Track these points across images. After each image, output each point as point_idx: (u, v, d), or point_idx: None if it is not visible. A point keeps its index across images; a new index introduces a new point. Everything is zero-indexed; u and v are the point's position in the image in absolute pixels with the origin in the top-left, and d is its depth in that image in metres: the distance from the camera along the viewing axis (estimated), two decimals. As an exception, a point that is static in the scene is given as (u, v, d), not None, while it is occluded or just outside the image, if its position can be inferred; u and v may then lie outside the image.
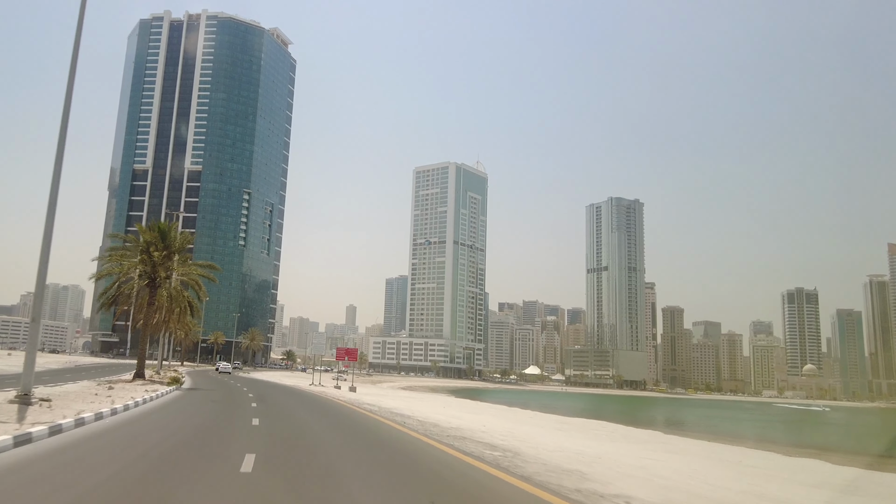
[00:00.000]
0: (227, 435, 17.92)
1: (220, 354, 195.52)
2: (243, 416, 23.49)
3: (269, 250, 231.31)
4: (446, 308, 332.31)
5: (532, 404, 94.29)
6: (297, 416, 26.49)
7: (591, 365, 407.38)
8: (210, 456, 13.31)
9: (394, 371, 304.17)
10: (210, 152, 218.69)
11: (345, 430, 22.47)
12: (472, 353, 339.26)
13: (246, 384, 54.97)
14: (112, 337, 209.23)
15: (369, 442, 19.02)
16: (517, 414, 50.47)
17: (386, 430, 22.50)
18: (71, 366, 78.43)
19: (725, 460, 23.11)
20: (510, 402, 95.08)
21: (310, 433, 20.43)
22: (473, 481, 12.35)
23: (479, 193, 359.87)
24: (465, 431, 24.21)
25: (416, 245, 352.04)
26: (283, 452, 14.70)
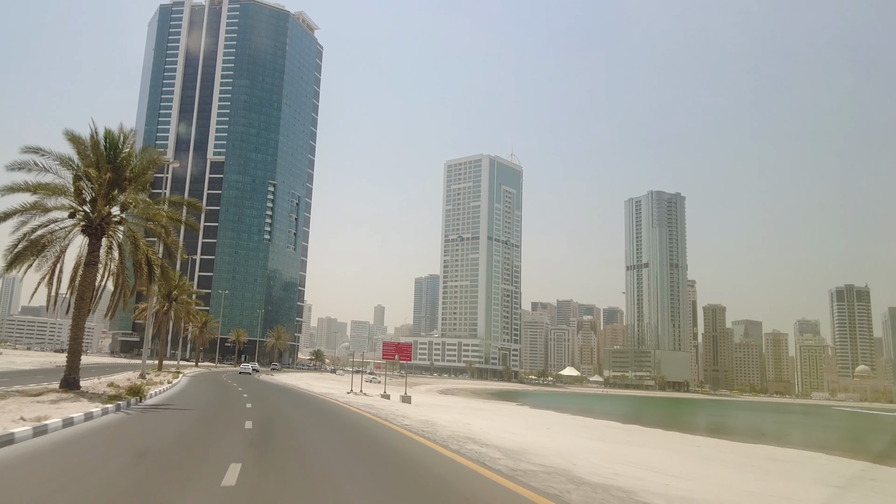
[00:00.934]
0: None
1: (244, 355, 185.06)
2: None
3: (295, 245, 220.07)
4: (480, 307, 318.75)
5: (595, 410, 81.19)
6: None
7: (630, 366, 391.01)
8: None
9: (426, 372, 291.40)
10: (233, 142, 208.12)
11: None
12: (508, 354, 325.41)
13: (256, 392, 39.39)
14: (132, 336, 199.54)
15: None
16: (630, 434, 36.73)
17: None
18: (38, 367, 66.52)
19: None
20: (567, 407, 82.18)
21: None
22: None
23: (514, 187, 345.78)
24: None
25: (448, 241, 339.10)
26: None
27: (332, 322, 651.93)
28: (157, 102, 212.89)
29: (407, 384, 53.16)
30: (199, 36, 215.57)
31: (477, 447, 16.92)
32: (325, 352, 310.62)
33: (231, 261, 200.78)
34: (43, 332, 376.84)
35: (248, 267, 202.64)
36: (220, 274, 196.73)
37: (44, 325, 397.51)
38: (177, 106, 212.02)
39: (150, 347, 65.43)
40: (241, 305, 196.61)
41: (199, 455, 13.28)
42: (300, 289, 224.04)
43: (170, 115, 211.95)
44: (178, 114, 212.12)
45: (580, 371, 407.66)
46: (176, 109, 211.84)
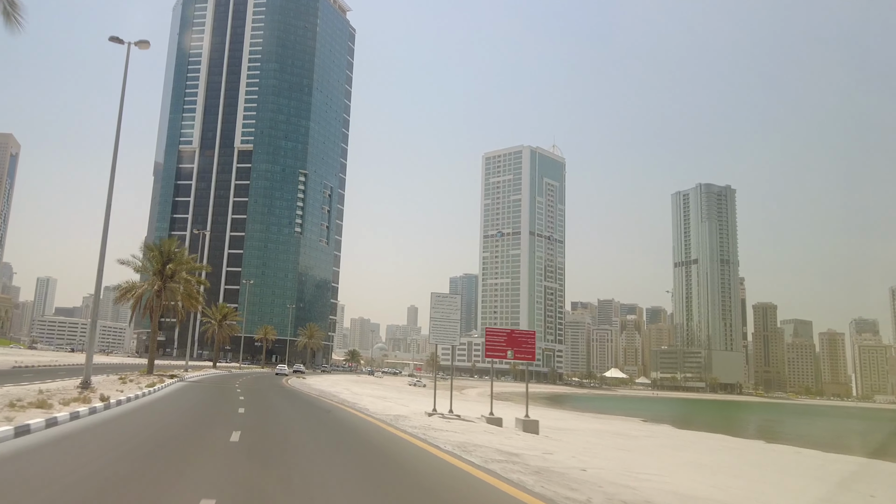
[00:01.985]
0: None
1: (274, 355, 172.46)
2: None
3: (328, 239, 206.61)
4: (522, 305, 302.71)
5: (694, 420, 65.86)
6: None
7: (679, 367, 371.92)
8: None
9: (465, 374, 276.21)
10: (262, 129, 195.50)
11: None
12: (553, 355, 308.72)
13: (265, 421, 21.40)
14: (158, 336, 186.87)
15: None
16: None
17: None
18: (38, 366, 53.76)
19: None
20: (662, 416, 67.15)
21: None
22: None
23: (556, 179, 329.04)
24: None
25: (487, 237, 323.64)
26: None
27: (364, 322, 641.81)
28: (182, 89, 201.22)
29: (427, 383, 39.32)
30: (225, 18, 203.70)
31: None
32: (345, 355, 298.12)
33: (260, 255, 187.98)
34: (74, 332, 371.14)
35: (278, 262, 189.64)
36: (248, 269, 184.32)
37: (75, 325, 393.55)
38: (202, 92, 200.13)
39: (152, 343, 53.11)
40: (271, 303, 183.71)
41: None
42: (333, 285, 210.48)
43: (195, 101, 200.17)
44: (204, 100, 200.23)
45: (624, 372, 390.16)
46: (202, 95, 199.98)
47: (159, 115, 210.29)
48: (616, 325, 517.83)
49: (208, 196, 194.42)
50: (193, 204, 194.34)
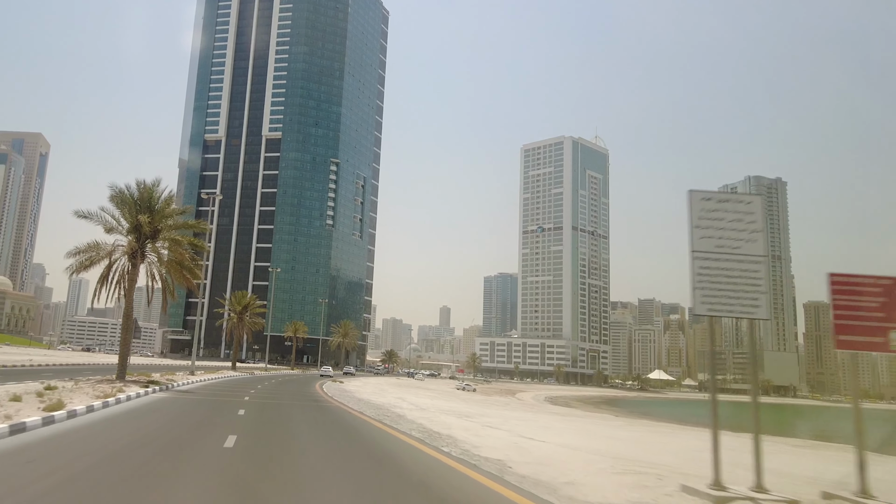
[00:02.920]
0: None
1: (305, 355, 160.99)
2: None
3: (361, 232, 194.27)
4: (565, 304, 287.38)
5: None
6: None
7: (729, 368, 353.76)
8: None
9: (505, 376, 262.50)
10: (290, 116, 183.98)
11: None
12: (598, 356, 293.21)
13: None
14: (183, 334, 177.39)
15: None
16: None
17: None
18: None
19: None
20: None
21: None
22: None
23: (600, 172, 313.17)
24: None
25: (527, 233, 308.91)
26: None
27: (397, 323, 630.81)
28: (207, 75, 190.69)
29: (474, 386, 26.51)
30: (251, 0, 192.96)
31: None
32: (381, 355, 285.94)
33: (290, 248, 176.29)
34: (104, 332, 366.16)
35: (309, 256, 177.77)
36: (277, 264, 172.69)
37: (105, 325, 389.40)
38: (228, 78, 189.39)
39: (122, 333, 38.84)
40: (302, 300, 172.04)
41: None
42: (367, 282, 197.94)
43: (220, 89, 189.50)
44: (230, 87, 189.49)
45: (668, 374, 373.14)
46: (227, 82, 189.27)
47: (184, 103, 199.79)
48: (658, 325, 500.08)
49: (235, 187, 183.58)
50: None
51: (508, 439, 18.40)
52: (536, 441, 18.89)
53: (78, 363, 57.38)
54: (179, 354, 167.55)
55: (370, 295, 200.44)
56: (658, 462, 15.26)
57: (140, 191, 32.41)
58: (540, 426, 27.89)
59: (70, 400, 18.01)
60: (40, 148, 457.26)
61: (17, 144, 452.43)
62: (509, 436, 19.86)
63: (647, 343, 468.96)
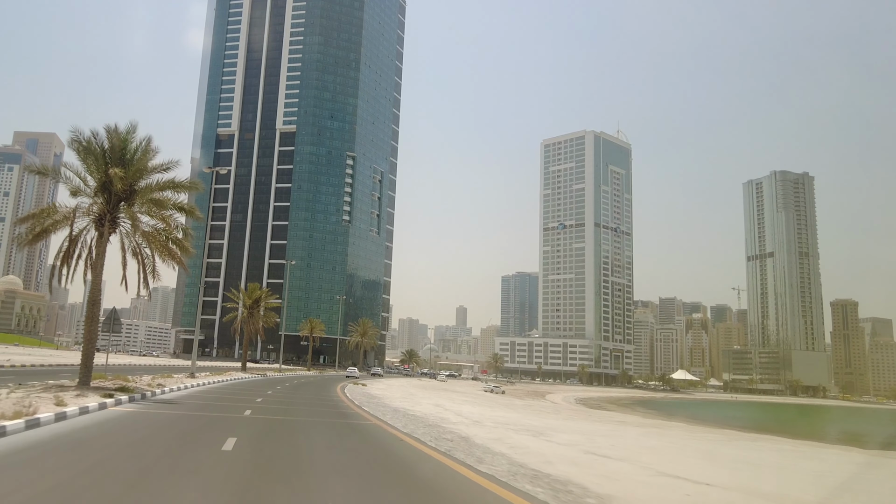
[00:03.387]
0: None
1: (322, 356, 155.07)
2: None
3: (378, 228, 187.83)
4: (588, 302, 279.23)
5: None
6: None
7: (755, 368, 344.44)
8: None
9: (526, 376, 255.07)
10: (305, 108, 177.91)
11: None
12: (621, 356, 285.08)
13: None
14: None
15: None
16: None
17: None
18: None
19: None
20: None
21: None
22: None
23: (622, 167, 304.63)
24: None
25: (548, 230, 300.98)
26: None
27: (413, 323, 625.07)
28: (220, 67, 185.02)
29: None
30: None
31: None
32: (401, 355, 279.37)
33: (305, 245, 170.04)
34: (119, 333, 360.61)
35: (325, 253, 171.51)
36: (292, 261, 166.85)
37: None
38: (241, 70, 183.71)
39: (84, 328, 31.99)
40: (318, 297, 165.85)
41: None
42: (385, 280, 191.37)
43: (233, 81, 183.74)
44: (243, 79, 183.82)
45: (691, 374, 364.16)
46: (240, 74, 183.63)
47: (196, 97, 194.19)
48: (680, 324, 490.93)
49: (248, 183, 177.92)
50: (233, 191, 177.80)
51: (655, 480, 11.49)
52: (685, 479, 12.02)
53: (62, 364, 50.99)
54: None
55: (388, 293, 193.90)
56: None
57: (110, 138, 25.03)
58: (635, 445, 20.95)
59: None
60: (54, 148, 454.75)
61: (31, 144, 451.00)
62: (641, 471, 12.97)
63: (670, 343, 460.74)
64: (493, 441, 16.40)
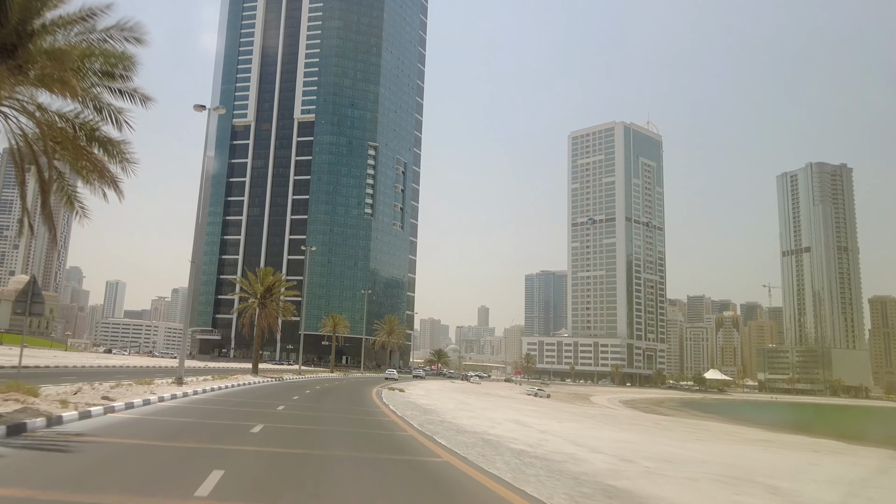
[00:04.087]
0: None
1: (345, 356, 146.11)
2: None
3: (402, 222, 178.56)
4: (619, 300, 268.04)
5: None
6: None
7: (792, 367, 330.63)
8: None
9: (556, 377, 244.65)
10: (324, 97, 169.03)
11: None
12: (655, 356, 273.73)
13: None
14: (213, 334, 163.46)
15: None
16: None
17: None
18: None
19: None
20: None
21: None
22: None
23: (653, 159, 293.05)
24: None
25: (577, 225, 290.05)
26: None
27: (435, 324, 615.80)
28: (235, 55, 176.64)
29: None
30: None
31: None
32: (431, 355, 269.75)
33: (326, 240, 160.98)
34: (139, 334, 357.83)
35: (347, 248, 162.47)
36: (312, 257, 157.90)
37: (139, 327, 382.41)
38: (257, 57, 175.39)
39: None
40: (339, 295, 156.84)
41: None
42: (410, 276, 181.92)
43: (249, 69, 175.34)
44: (259, 67, 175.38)
45: (722, 374, 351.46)
46: (256, 62, 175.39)
47: (211, 87, 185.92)
48: (710, 322, 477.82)
49: (265, 175, 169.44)
50: (249, 184, 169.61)
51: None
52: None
53: (39, 367, 41.64)
54: (209, 356, 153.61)
55: (413, 291, 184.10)
56: None
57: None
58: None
59: None
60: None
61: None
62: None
63: (700, 342, 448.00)
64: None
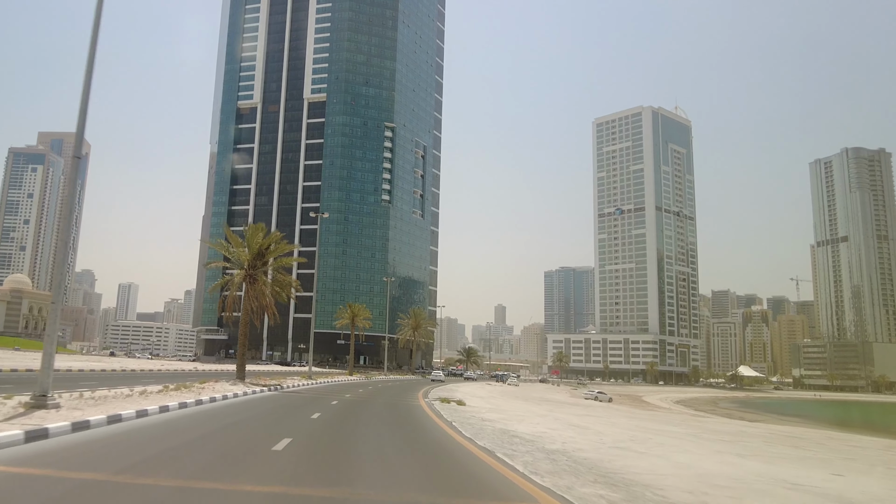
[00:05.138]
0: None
1: (363, 356, 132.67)
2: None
3: (423, 211, 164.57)
4: (651, 294, 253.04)
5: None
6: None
7: (830, 363, 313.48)
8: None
9: (582, 376, 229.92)
10: (336, 74, 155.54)
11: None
12: (688, 352, 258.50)
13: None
14: (219, 333, 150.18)
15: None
16: None
17: None
18: None
19: None
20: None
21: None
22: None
23: (683, 146, 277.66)
24: None
25: (603, 216, 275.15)
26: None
27: (451, 323, 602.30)
28: (239, 33, 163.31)
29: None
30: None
31: None
32: (448, 355, 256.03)
33: (340, 230, 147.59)
34: (149, 336, 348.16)
35: (363, 238, 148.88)
36: (325, 248, 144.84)
37: (149, 329, 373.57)
38: (263, 34, 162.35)
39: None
40: (356, 290, 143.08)
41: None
42: (432, 269, 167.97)
43: (255, 47, 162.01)
44: (266, 44, 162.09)
45: (754, 370, 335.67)
46: (262, 39, 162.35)
47: (216, 67, 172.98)
48: (736, 317, 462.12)
49: (274, 161, 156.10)
50: (257, 171, 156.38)
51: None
52: None
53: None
54: (214, 357, 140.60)
55: (435, 285, 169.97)
56: None
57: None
58: None
59: None
60: (82, 148, 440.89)
61: (56, 145, 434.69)
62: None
63: (727, 337, 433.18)
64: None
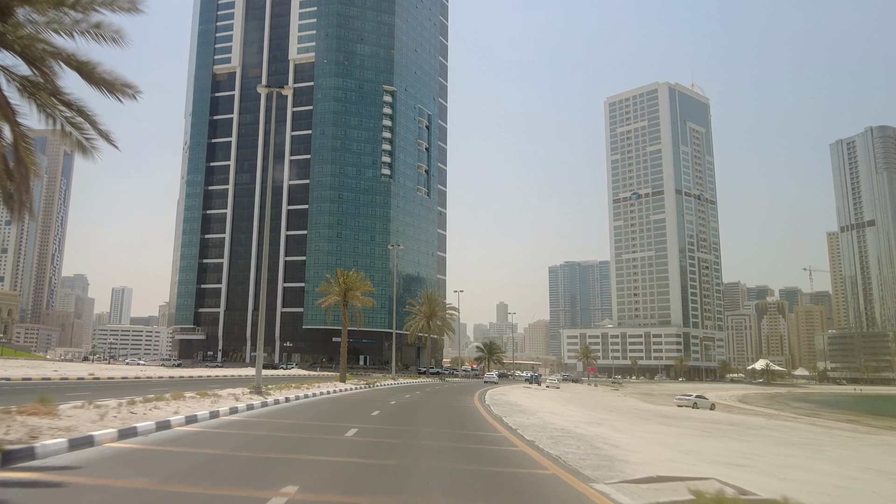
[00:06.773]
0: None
1: (362, 355, 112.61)
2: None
3: (428, 188, 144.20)
4: (672, 284, 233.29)
5: None
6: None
7: (857, 356, 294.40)
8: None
9: (604, 374, 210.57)
10: (326, 30, 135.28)
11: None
12: (713, 345, 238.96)
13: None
14: (196, 333, 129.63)
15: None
16: None
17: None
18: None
19: None
20: None
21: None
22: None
23: (702, 124, 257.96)
24: None
25: (618, 201, 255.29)
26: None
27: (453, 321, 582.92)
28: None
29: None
30: None
31: None
32: (449, 353, 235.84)
33: (334, 209, 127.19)
34: (139, 341, 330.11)
35: (360, 218, 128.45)
36: (316, 230, 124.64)
37: (139, 333, 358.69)
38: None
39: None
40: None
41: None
42: (440, 255, 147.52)
43: (232, 2, 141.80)
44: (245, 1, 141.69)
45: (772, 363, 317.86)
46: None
47: (190, 30, 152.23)
48: (748, 309, 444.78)
49: (255, 133, 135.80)
50: (236, 145, 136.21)
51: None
52: None
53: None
54: (191, 360, 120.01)
55: (444, 273, 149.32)
56: None
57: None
58: None
59: None
60: (64, 145, 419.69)
61: (39, 142, 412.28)
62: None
63: (742, 330, 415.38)
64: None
